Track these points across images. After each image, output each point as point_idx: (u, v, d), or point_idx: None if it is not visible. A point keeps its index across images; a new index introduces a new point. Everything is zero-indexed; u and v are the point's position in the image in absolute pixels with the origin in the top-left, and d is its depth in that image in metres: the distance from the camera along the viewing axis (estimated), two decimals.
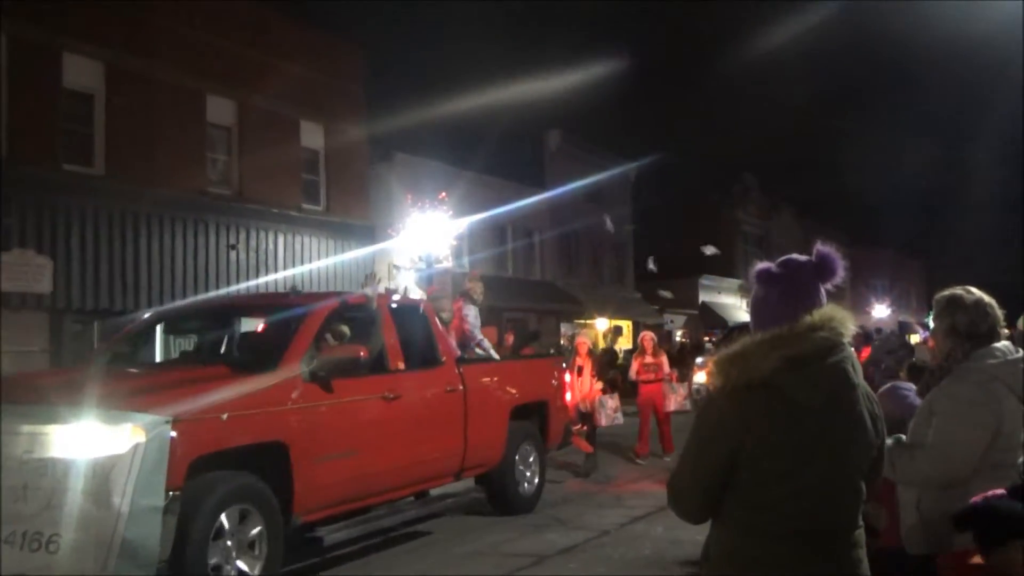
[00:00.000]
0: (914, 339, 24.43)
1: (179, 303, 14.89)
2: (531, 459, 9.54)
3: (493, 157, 26.28)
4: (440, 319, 9.17)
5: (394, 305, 8.36)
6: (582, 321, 32.98)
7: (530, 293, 30.06)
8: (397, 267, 23.47)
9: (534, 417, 9.71)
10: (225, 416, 5.88)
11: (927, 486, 3.54)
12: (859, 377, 2.53)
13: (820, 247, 2.58)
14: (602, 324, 33.15)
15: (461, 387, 8.44)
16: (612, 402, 12.67)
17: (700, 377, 18.29)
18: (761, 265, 2.64)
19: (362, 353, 6.96)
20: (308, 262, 20.13)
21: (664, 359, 13.80)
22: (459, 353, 9.28)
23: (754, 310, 2.65)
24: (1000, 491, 3.08)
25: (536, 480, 9.59)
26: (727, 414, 2.46)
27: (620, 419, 12.75)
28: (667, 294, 33.53)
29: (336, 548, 8.11)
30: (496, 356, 10.47)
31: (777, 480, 2.41)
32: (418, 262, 21.07)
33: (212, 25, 18.17)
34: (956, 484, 3.39)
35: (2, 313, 13.82)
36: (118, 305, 16.01)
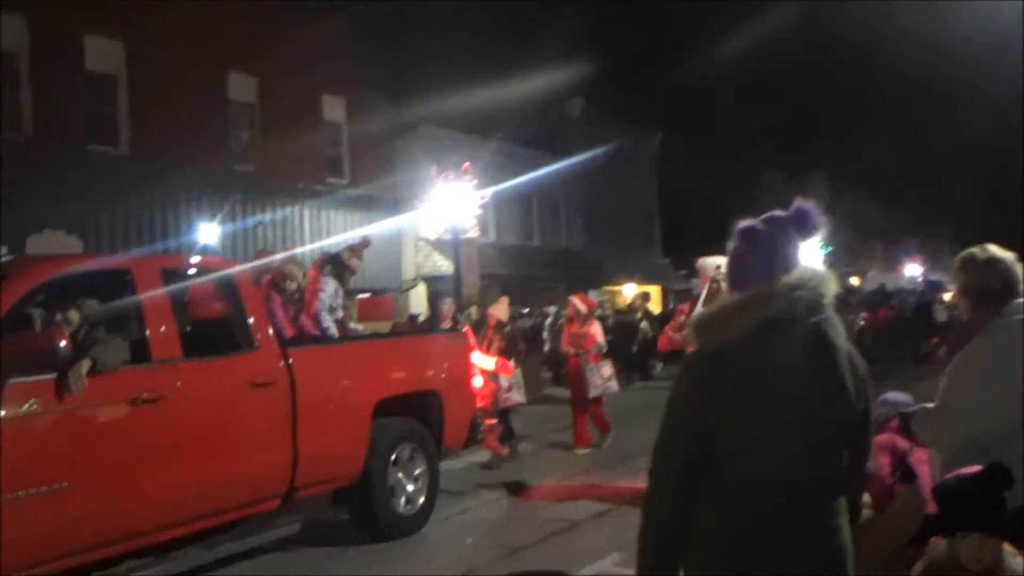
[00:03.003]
0: (946, 297, 24.11)
1: None
2: (414, 466, 7.47)
3: (517, 126, 26.16)
4: (279, 288, 7.66)
5: (174, 272, 6.21)
6: (610, 288, 32.90)
7: (556, 262, 30.01)
8: (423, 239, 23.50)
9: (421, 412, 7.58)
10: None
11: (950, 450, 3.44)
12: (841, 338, 2.44)
13: (800, 203, 2.49)
14: (630, 290, 33.06)
15: (283, 379, 6.25)
16: (606, 369, 11.24)
17: None
18: (746, 221, 2.54)
19: (62, 342, 4.94)
20: (334, 235, 20.16)
21: (594, 329, 11.54)
22: (290, 333, 7.40)
23: (734, 268, 2.55)
24: (975, 469, 2.95)
25: (423, 493, 7.49)
26: (704, 377, 2.40)
27: (614, 387, 11.41)
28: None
29: None
30: (334, 334, 8.09)
31: (755, 445, 2.33)
32: (444, 233, 21.05)
33: (231, 2, 18.13)
34: (981, 447, 3.26)
35: None
36: None
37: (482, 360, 9.88)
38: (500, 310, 11.18)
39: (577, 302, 11.59)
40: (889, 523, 3.90)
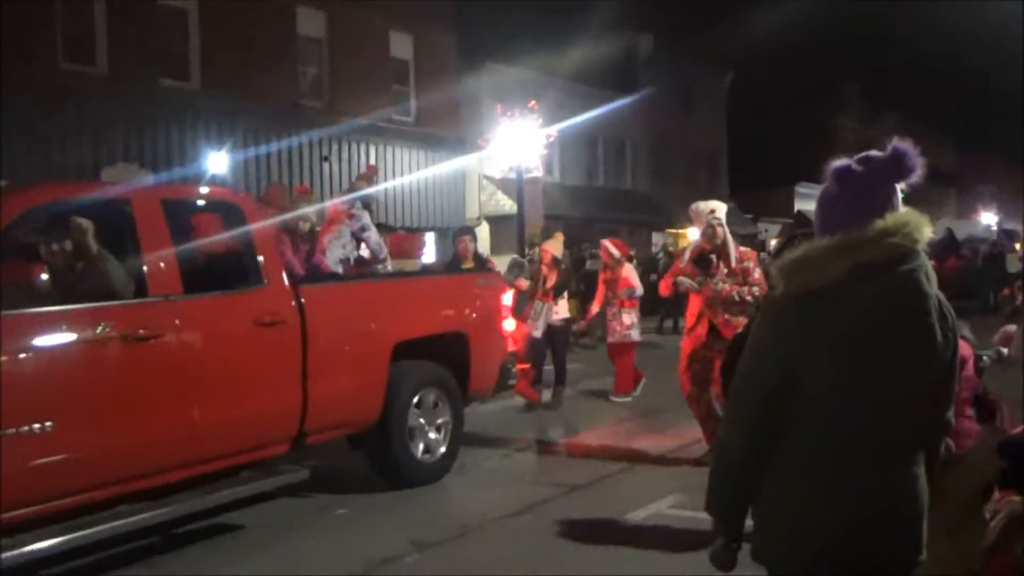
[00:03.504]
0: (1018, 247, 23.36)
1: None
2: (438, 412, 7.19)
3: (584, 64, 25.81)
4: (290, 228, 7.53)
5: (177, 203, 5.93)
6: (673, 231, 32.61)
7: (621, 203, 29.80)
8: (488, 177, 23.49)
9: (446, 355, 7.25)
10: None
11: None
12: (933, 287, 2.38)
13: (897, 143, 2.39)
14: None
15: (293, 318, 5.97)
16: (627, 317, 10.79)
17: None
18: (840, 161, 2.45)
19: (43, 275, 4.88)
20: (399, 173, 20.27)
21: (625, 272, 11.04)
22: (303, 271, 7.27)
23: (824, 210, 2.47)
24: None
25: (445, 440, 7.24)
26: (787, 322, 2.37)
27: (634, 335, 10.90)
28: None
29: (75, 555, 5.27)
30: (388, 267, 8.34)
31: (836, 392, 2.32)
32: (508, 172, 21.01)
33: None
34: None
35: None
36: None
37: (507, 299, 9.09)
38: (554, 246, 10.87)
39: (609, 246, 11.08)
40: (968, 466, 3.85)
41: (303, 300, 6.07)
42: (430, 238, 21.91)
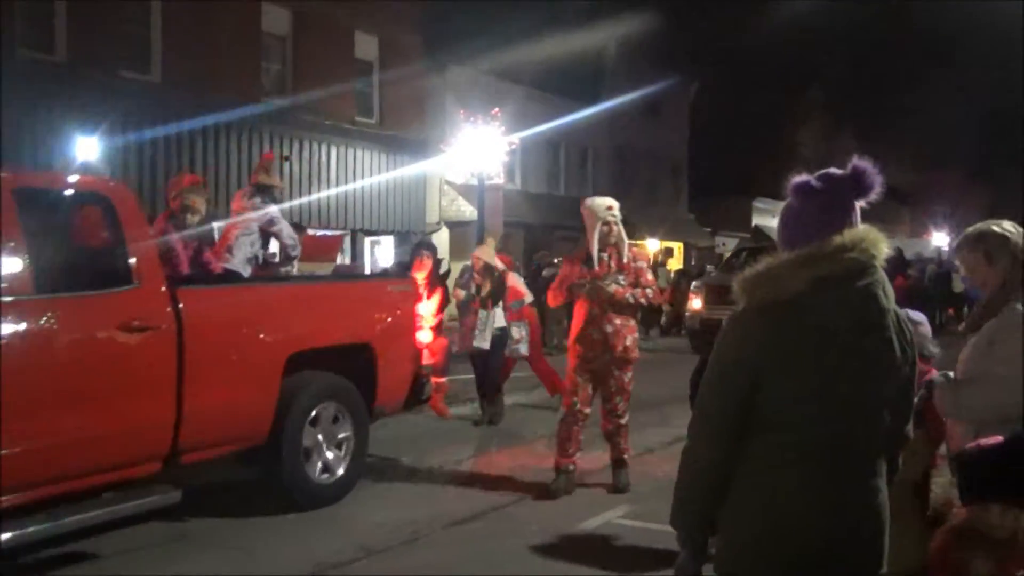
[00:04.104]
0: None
1: None
2: (338, 429, 6.65)
3: (549, 73, 25.89)
4: (178, 221, 6.86)
5: (36, 192, 5.32)
6: (634, 242, 32.77)
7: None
8: (449, 182, 23.46)
9: (350, 367, 6.76)
10: None
11: (985, 422, 3.47)
12: (890, 301, 2.45)
13: (857, 161, 2.47)
14: (653, 245, 32.95)
15: (168, 323, 5.41)
16: (516, 330, 10.09)
17: (696, 303, 17.49)
18: (800, 177, 2.52)
19: None
20: (361, 175, 20.16)
21: (510, 283, 10.23)
22: (188, 270, 6.64)
23: (785, 225, 2.54)
24: (997, 439, 2.98)
25: (346, 459, 6.67)
26: (751, 333, 2.41)
27: (522, 351, 10.25)
28: None
29: None
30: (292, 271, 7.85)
31: (799, 402, 2.37)
32: (470, 178, 21.00)
33: None
34: (1008, 419, 3.32)
35: None
36: None
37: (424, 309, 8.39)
38: (485, 252, 10.20)
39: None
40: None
41: (181, 304, 5.52)
42: (389, 242, 21.85)
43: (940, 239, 47.48)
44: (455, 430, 9.70)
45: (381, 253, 21.92)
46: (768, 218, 40.17)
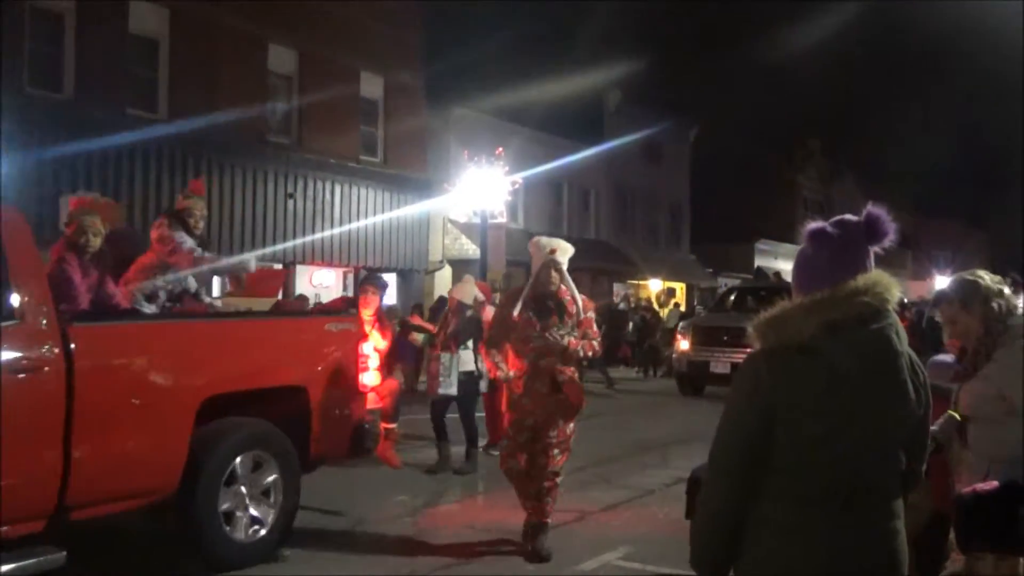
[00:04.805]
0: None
1: None
2: (264, 481, 5.97)
3: (551, 115, 26.09)
4: (77, 246, 5.99)
5: None
6: (635, 282, 32.84)
7: (584, 252, 29.90)
8: (453, 221, 23.55)
9: (281, 413, 6.14)
10: None
11: (996, 459, 3.50)
12: (903, 344, 2.48)
13: (871, 208, 2.51)
14: (655, 285, 32.99)
15: (55, 364, 4.86)
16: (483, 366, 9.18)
17: (683, 345, 17.28)
18: (816, 224, 2.56)
19: None
20: (365, 213, 20.26)
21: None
22: (88, 304, 5.88)
23: (800, 270, 2.57)
24: (993, 485, 2.99)
25: (274, 512, 5.99)
26: (764, 377, 2.43)
27: (482, 387, 9.73)
28: None
29: None
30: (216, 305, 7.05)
31: (814, 445, 2.38)
32: (473, 217, 21.09)
33: None
34: (1012, 458, 3.37)
35: None
36: None
37: (370, 349, 7.86)
38: (462, 292, 9.87)
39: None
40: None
41: (72, 343, 4.95)
42: (392, 279, 21.88)
43: (943, 282, 47.36)
44: (411, 479, 8.92)
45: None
46: (770, 260, 40.23)
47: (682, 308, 27.16)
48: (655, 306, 27.65)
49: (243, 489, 5.86)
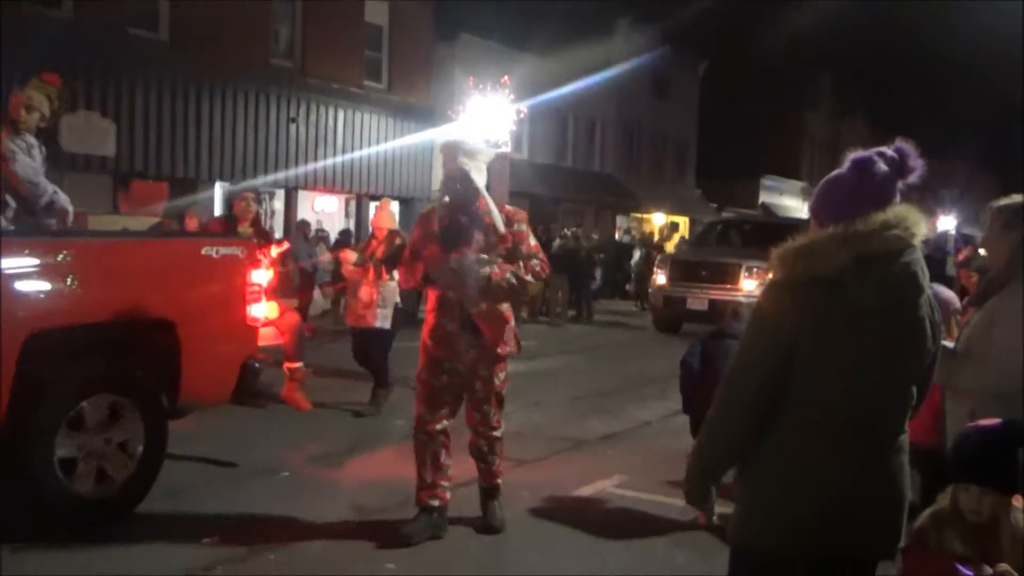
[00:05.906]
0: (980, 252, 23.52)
1: None
2: (117, 430, 5.16)
3: (558, 42, 25.71)
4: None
5: None
6: (638, 215, 32.73)
7: (588, 185, 29.81)
8: None
9: (142, 351, 5.36)
10: None
11: (983, 396, 3.48)
12: (927, 280, 2.47)
13: (900, 143, 2.51)
14: (659, 219, 32.89)
15: None
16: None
17: (660, 279, 16.63)
18: (863, 152, 2.53)
19: None
20: (367, 140, 20.11)
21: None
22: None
23: (832, 198, 2.52)
24: (995, 422, 3.00)
25: (132, 464, 5.20)
26: (788, 307, 2.42)
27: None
28: None
29: None
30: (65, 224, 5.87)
31: (832, 378, 2.39)
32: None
33: None
34: (1006, 395, 3.34)
35: (66, 174, 14.05)
36: (179, 172, 16.27)
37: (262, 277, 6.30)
38: (385, 219, 8.74)
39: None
40: None
41: None
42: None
43: (947, 223, 47.27)
44: (328, 423, 8.05)
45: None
46: (775, 195, 40.03)
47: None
48: (658, 240, 27.59)
49: (91, 437, 5.06)
